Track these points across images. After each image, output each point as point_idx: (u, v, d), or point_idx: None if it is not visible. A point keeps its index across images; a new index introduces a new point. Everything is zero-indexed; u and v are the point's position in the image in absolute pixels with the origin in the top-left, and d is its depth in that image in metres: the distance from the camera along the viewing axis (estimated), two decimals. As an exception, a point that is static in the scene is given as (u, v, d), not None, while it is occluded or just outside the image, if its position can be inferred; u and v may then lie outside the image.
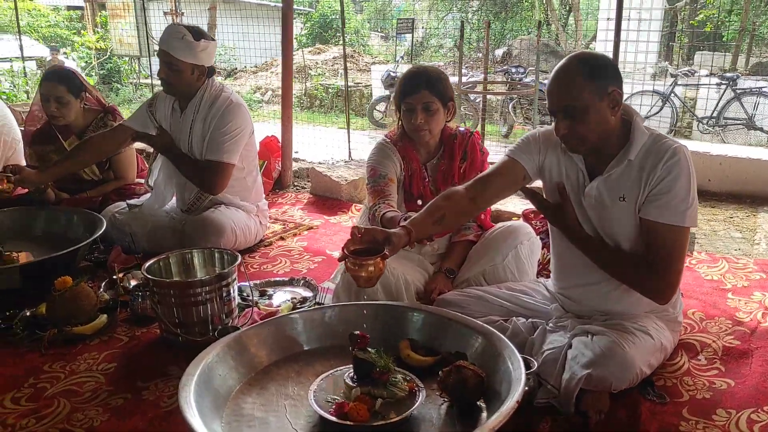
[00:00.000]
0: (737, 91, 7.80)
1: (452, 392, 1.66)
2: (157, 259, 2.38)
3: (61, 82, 3.34)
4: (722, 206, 4.10)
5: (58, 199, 3.40)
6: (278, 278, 2.88)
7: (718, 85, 7.95)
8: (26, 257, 2.71)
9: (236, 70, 14.53)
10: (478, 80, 8.60)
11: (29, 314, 2.43)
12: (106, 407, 1.92)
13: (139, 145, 3.50)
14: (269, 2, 13.74)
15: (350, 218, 3.90)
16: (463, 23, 5.89)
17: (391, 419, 1.59)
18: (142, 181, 3.58)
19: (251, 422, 1.66)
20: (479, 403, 1.67)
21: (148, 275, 2.25)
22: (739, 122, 7.84)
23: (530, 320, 2.12)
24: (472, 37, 15.22)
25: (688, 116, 8.52)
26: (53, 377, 2.10)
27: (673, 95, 7.95)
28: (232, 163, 3.01)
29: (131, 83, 12.72)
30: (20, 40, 8.15)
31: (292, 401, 1.74)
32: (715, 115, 7.90)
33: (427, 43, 17.06)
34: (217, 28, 11.64)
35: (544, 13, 15.87)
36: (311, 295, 2.67)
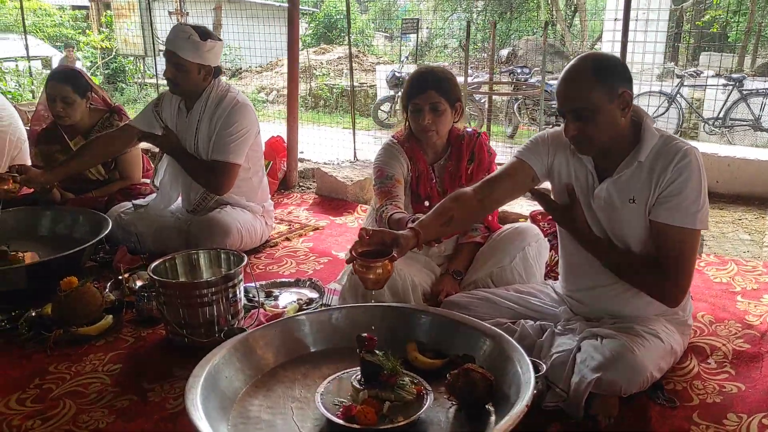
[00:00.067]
0: (744, 92, 7.76)
1: (461, 395, 1.65)
2: (163, 259, 2.37)
3: (67, 81, 3.34)
4: (730, 208, 4.07)
5: (63, 199, 3.40)
6: (284, 279, 2.87)
7: (724, 86, 7.91)
8: (32, 257, 2.71)
9: (241, 69, 14.55)
10: (483, 80, 8.59)
11: (35, 315, 2.42)
12: (111, 409, 1.91)
13: (144, 145, 3.50)
14: (274, 2, 13.75)
15: (356, 219, 3.88)
16: (469, 23, 5.88)
17: (398, 422, 1.57)
18: (147, 181, 3.57)
19: (258, 425, 1.65)
20: (488, 406, 1.66)
21: (154, 276, 2.24)
22: (745, 123, 7.80)
23: (538, 323, 2.10)
24: (476, 37, 15.21)
25: (694, 117, 8.48)
26: (59, 378, 2.09)
27: (679, 96, 7.92)
28: (238, 163, 3.00)
29: (136, 83, 12.75)
30: (26, 39, 8.17)
31: (299, 404, 1.73)
32: (721, 116, 7.86)
33: (431, 43, 17.05)
34: (222, 27, 11.64)
35: (549, 13, 15.84)
36: (317, 296, 2.66)
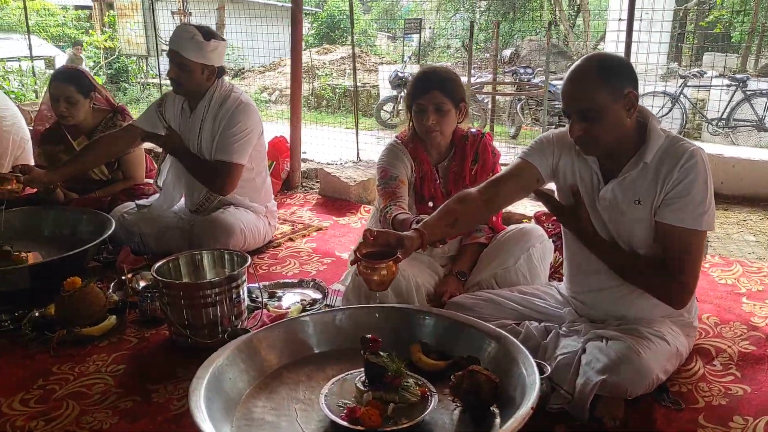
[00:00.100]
0: (747, 92, 7.74)
1: (465, 397, 1.64)
2: (166, 260, 2.37)
3: (70, 81, 3.33)
4: (735, 209, 4.06)
5: (67, 199, 3.39)
6: (287, 280, 2.87)
7: (728, 86, 7.89)
8: (35, 257, 2.70)
9: (243, 69, 14.56)
10: (486, 81, 8.59)
11: (38, 315, 2.42)
12: (115, 410, 1.91)
13: (147, 145, 3.49)
14: (276, 2, 13.75)
15: (359, 219, 3.88)
16: (472, 24, 5.87)
17: (403, 424, 1.57)
18: (150, 181, 3.57)
19: (262, 426, 1.64)
20: (492, 408, 1.65)
21: (157, 276, 2.23)
22: (749, 124, 7.78)
23: (543, 324, 2.09)
24: (479, 37, 15.22)
25: (697, 118, 8.46)
26: (62, 379, 2.09)
27: (682, 96, 7.90)
28: (241, 163, 3.00)
29: (139, 83, 12.76)
30: (29, 39, 8.18)
31: (302, 405, 1.73)
32: (724, 116, 7.84)
33: (434, 43, 17.06)
34: (225, 27, 11.65)
35: (552, 13, 15.83)
36: (321, 297, 2.65)
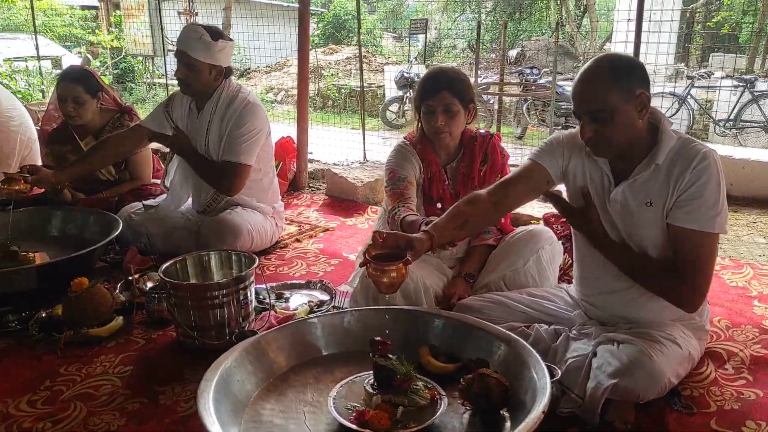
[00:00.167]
0: (755, 93, 7.69)
1: (475, 401, 1.63)
2: (174, 261, 2.36)
3: (78, 82, 3.34)
4: (745, 211, 4.03)
5: (74, 199, 3.40)
6: (294, 281, 2.86)
7: (735, 87, 7.84)
8: (42, 258, 2.70)
9: (249, 70, 14.57)
10: (492, 81, 8.56)
11: (45, 315, 2.41)
12: (122, 411, 1.90)
13: (154, 145, 3.49)
14: (282, 2, 13.76)
15: (366, 220, 3.86)
16: (479, 24, 5.85)
17: (412, 428, 1.56)
18: (157, 181, 3.57)
19: (270, 429, 1.63)
20: (503, 412, 1.64)
21: (165, 277, 2.23)
22: (756, 125, 7.73)
23: (552, 327, 2.07)
24: (485, 38, 15.18)
25: (704, 119, 8.42)
26: (69, 380, 2.08)
27: (689, 97, 7.86)
28: (249, 164, 2.99)
29: (145, 83, 12.78)
30: (36, 39, 8.19)
31: (311, 408, 1.72)
32: (732, 117, 7.79)
33: (440, 43, 17.04)
34: (231, 28, 11.65)
35: (558, 13, 15.80)
36: (328, 298, 2.64)
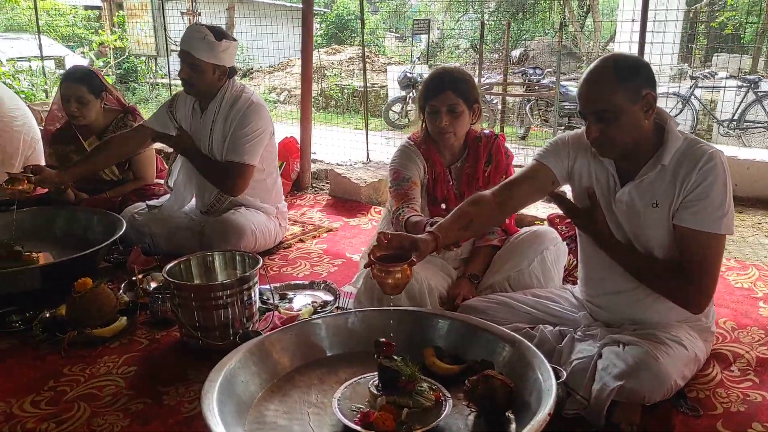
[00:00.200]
0: (759, 93, 7.67)
1: (480, 402, 1.62)
2: (178, 261, 2.36)
3: (81, 82, 3.33)
4: (750, 212, 4.02)
5: (77, 199, 3.39)
6: (298, 281, 2.85)
7: (739, 87, 7.82)
8: (45, 258, 2.70)
9: (252, 70, 14.57)
10: (495, 81, 8.56)
11: (49, 316, 2.41)
12: (126, 412, 1.90)
13: (157, 145, 3.49)
14: (285, 2, 13.76)
15: (369, 221, 3.86)
16: (483, 24, 5.84)
17: (417, 429, 1.55)
18: (161, 181, 3.56)
19: (275, 430, 1.63)
20: (508, 414, 1.63)
21: (168, 278, 2.22)
22: (760, 125, 7.71)
23: (557, 328, 2.06)
24: (488, 38, 15.17)
25: (708, 119, 8.39)
26: (73, 380, 2.08)
27: (693, 98, 7.84)
28: (252, 164, 2.99)
29: (148, 83, 12.78)
30: (39, 39, 8.20)
31: (315, 409, 1.71)
32: (736, 117, 7.77)
33: (443, 43, 17.03)
34: (234, 28, 11.66)
35: (561, 14, 15.78)
36: (332, 299, 2.63)
